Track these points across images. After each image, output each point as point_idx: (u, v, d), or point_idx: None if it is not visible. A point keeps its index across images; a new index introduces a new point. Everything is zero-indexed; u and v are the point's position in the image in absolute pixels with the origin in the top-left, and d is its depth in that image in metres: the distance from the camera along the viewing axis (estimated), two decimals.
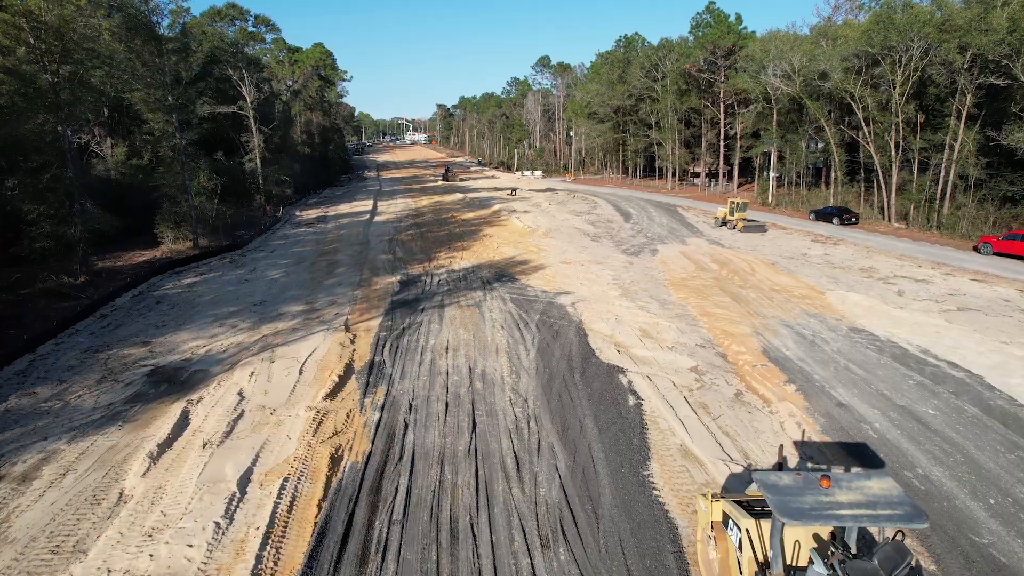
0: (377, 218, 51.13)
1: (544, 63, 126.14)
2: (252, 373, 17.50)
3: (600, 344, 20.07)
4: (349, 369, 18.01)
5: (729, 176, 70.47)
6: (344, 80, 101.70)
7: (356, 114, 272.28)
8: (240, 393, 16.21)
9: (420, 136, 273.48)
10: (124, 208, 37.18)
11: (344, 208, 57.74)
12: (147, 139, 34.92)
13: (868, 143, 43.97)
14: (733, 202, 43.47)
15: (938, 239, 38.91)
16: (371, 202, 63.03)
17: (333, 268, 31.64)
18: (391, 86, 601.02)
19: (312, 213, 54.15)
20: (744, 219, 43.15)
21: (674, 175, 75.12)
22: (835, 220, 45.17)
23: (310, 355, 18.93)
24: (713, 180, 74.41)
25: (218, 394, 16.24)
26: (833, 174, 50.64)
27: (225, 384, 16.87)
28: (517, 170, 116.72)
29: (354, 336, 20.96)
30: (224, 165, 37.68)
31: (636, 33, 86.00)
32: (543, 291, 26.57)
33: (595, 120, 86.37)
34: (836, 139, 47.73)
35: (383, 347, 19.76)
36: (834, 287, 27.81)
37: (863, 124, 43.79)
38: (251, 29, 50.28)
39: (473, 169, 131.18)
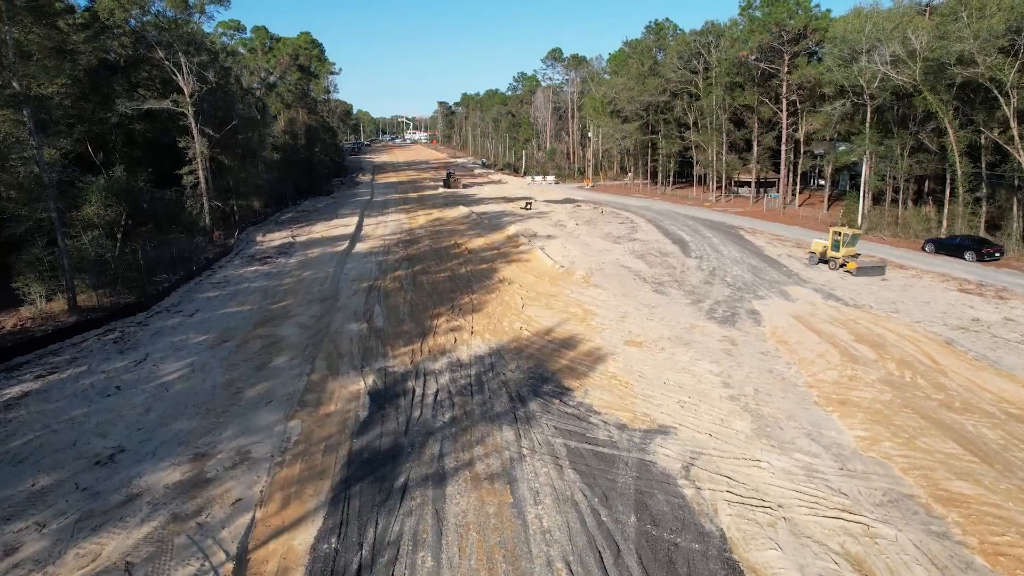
0: (359, 246, 39.63)
1: (556, 56, 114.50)
2: None
3: None
4: None
5: (788, 185, 58.73)
6: (333, 73, 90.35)
7: (355, 112, 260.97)
8: None
9: (421, 135, 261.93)
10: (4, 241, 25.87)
11: (320, 230, 46.20)
12: None
13: (1019, 150, 32.48)
14: (838, 232, 31.91)
15: None
16: (356, 219, 51.53)
17: (270, 355, 20.17)
18: (390, 83, 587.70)
19: (277, 238, 42.63)
20: (854, 255, 31.70)
21: (718, 185, 63.56)
22: (968, 255, 33.59)
23: None
24: (763, 191, 62.83)
25: None
26: (949, 190, 39.11)
27: None
28: (525, 174, 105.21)
29: None
30: (124, 186, 26.16)
31: (667, 19, 74.40)
32: (619, 425, 15.11)
33: (619, 119, 74.72)
34: (961, 145, 36.17)
35: None
36: None
37: (1012, 122, 32.30)
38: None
39: (477, 172, 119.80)
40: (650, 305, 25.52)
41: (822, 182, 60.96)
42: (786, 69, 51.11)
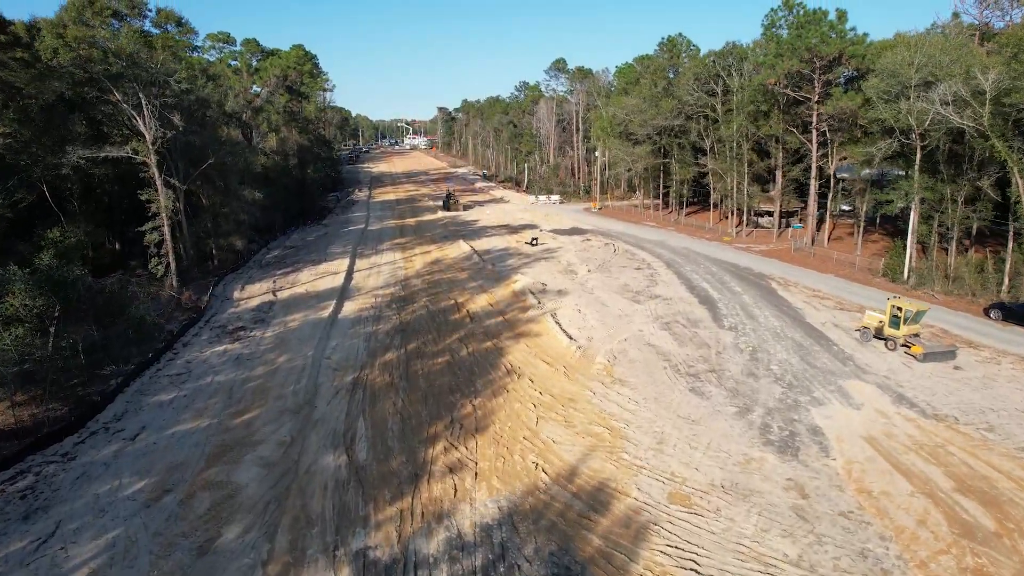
0: (347, 307, 35.25)
1: (560, 67, 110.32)
2: None
3: None
4: None
5: (814, 219, 54.30)
6: (325, 89, 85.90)
7: (353, 116, 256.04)
8: None
9: (420, 140, 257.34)
10: None
11: (305, 280, 41.78)
12: None
13: None
14: (897, 308, 27.49)
15: None
16: (347, 263, 47.17)
17: (219, 523, 15.79)
18: (390, 86, 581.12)
19: (256, 294, 38.17)
20: (917, 334, 27.38)
21: (738, 216, 59.18)
22: None
23: None
24: (785, 220, 58.47)
25: None
26: (1013, 243, 34.78)
27: None
28: (527, 190, 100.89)
29: None
30: (55, 275, 21.54)
31: (680, 34, 69.95)
32: None
33: (629, 142, 70.33)
34: None
35: None
36: None
37: None
38: (151, 30, 34.82)
39: (478, 185, 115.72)
40: (690, 419, 21.14)
41: (844, 207, 56.67)
42: (817, 98, 46.78)
